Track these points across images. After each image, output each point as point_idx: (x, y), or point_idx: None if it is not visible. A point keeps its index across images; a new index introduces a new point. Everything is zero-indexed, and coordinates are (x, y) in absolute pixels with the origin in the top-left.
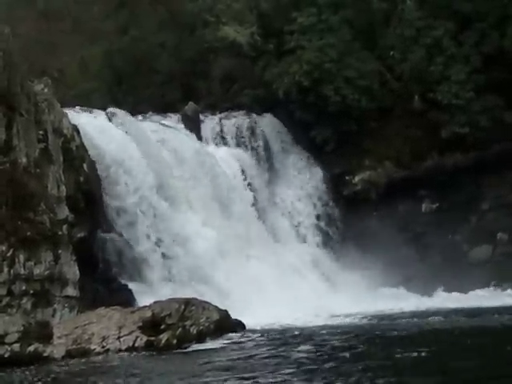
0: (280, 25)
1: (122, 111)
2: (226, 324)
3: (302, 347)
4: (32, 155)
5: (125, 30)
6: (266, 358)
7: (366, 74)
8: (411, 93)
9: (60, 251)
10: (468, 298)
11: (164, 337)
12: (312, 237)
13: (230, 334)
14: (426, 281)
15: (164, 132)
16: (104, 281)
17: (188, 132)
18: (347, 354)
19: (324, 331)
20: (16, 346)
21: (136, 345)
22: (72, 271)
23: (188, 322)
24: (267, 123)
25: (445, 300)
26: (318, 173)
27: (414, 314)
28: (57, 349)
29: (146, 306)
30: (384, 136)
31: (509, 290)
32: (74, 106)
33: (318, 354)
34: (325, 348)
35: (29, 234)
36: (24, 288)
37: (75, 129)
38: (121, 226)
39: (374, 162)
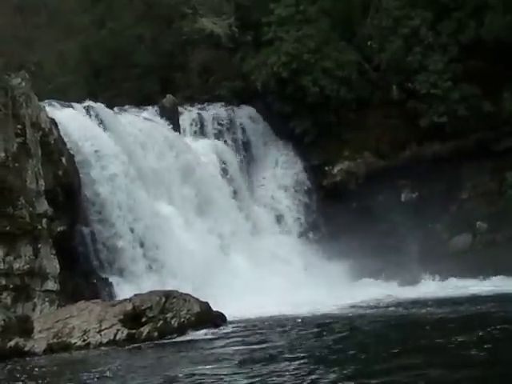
0: (258, 16)
1: (100, 104)
2: (207, 316)
3: (283, 338)
4: (10, 149)
5: (102, 24)
6: (247, 349)
7: (344, 64)
8: (389, 83)
9: (40, 245)
10: (448, 287)
11: (145, 329)
12: (292, 227)
13: (211, 326)
14: (406, 270)
15: (141, 123)
16: (84, 274)
17: (166, 124)
18: (328, 344)
19: (305, 321)
20: None
21: (117, 338)
22: (52, 265)
23: (169, 315)
24: (246, 115)
25: (425, 289)
26: (298, 164)
27: (394, 303)
28: (38, 343)
29: (126, 299)
30: (363, 126)
31: (487, 279)
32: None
33: (298, 344)
34: (305, 338)
35: (8, 228)
36: (4, 283)
37: (53, 122)
38: (100, 219)
39: (353, 152)
